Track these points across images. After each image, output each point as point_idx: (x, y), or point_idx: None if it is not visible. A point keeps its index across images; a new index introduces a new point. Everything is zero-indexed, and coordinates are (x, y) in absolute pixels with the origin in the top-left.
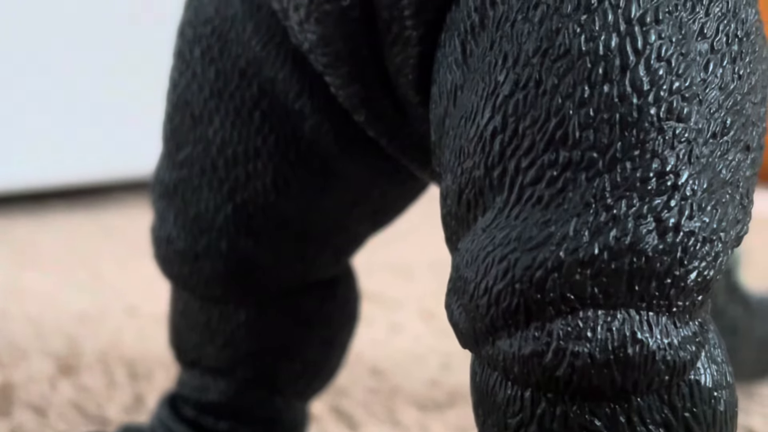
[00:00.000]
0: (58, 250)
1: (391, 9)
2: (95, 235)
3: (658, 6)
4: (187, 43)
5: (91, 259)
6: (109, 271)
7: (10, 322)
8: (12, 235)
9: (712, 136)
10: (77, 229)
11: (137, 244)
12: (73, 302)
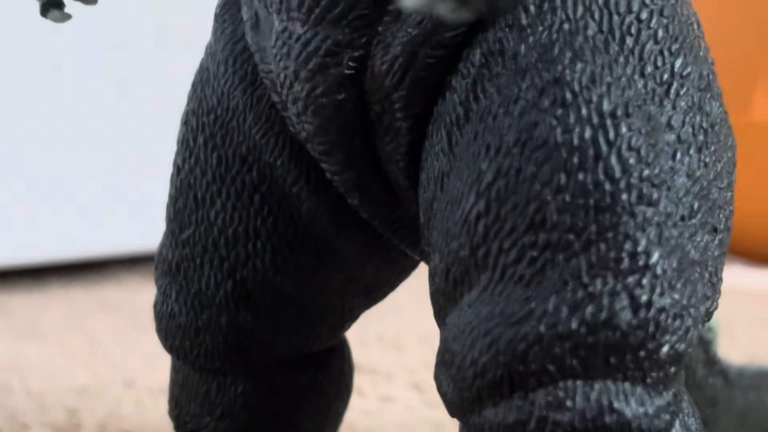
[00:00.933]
0: (58, 323)
1: (383, 102)
2: (94, 309)
3: (628, 101)
4: (191, 131)
5: (90, 333)
6: (107, 345)
7: (11, 396)
8: (11, 309)
9: (681, 219)
10: (76, 303)
11: (135, 318)
12: (73, 375)
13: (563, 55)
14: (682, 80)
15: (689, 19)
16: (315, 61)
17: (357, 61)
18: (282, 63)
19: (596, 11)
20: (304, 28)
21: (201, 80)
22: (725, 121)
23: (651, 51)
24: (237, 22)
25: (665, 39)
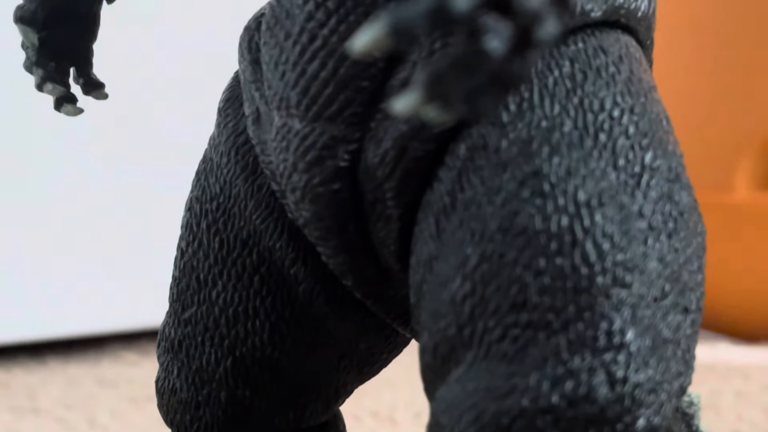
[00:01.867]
0: (56, 399)
1: (375, 192)
2: (92, 384)
3: (602, 192)
4: (194, 216)
5: (89, 408)
6: (106, 420)
7: None
8: (10, 385)
9: (653, 300)
10: (74, 379)
11: (133, 393)
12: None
13: (541, 150)
14: (652, 172)
15: (658, 116)
16: (312, 154)
17: (351, 154)
18: (282, 155)
19: (571, 110)
20: (303, 123)
21: (204, 169)
22: (694, 209)
23: (623, 146)
24: (239, 116)
25: (636, 135)
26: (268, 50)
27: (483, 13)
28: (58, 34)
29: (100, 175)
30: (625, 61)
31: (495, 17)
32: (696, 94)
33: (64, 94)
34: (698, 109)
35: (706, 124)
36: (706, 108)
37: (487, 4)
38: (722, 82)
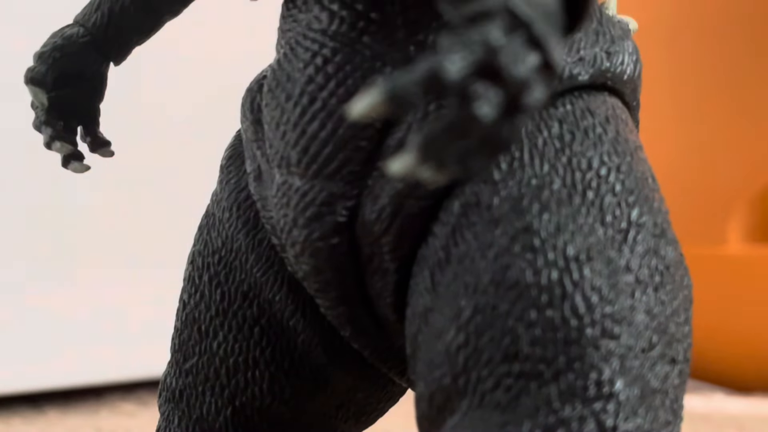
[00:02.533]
0: None
1: (372, 246)
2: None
3: (590, 247)
4: (197, 269)
5: None
6: None
7: None
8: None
9: (641, 351)
10: (73, 430)
11: None
12: None
13: (532, 207)
14: (639, 228)
15: (644, 174)
16: (312, 210)
17: (349, 210)
18: (282, 211)
19: (560, 168)
20: (303, 181)
21: (207, 224)
22: (680, 263)
23: (610, 203)
24: (241, 173)
25: (622, 192)
26: (270, 111)
27: (474, 80)
28: (66, 94)
29: (102, 226)
30: (612, 122)
31: (485, 84)
32: (687, 146)
33: (71, 152)
34: (690, 162)
35: (698, 176)
36: (697, 161)
37: (477, 73)
38: (713, 134)
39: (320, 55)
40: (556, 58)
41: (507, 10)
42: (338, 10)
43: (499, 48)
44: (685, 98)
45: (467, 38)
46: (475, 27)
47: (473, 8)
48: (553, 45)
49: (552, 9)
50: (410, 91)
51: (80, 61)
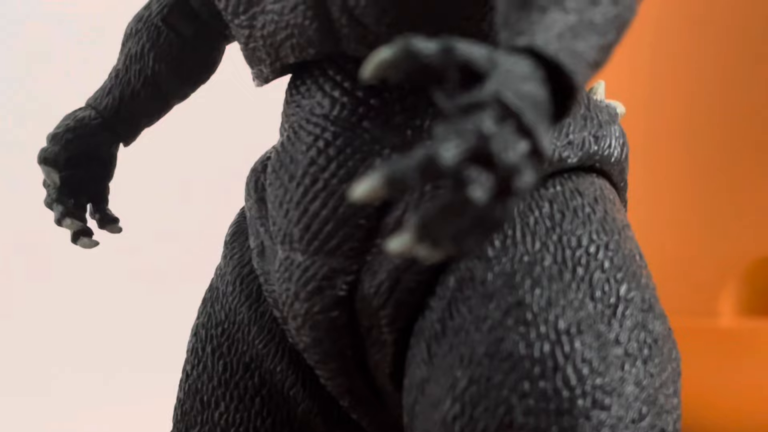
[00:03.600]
0: None
1: (371, 319)
2: None
3: (581, 320)
4: (200, 341)
5: None
6: None
7: None
8: None
9: (632, 421)
10: None
11: None
12: None
13: (524, 282)
14: (627, 303)
15: (632, 252)
16: (313, 285)
17: (349, 285)
18: (284, 285)
19: (551, 246)
20: (304, 256)
21: (211, 297)
22: (668, 337)
23: (599, 279)
24: (244, 249)
25: (611, 269)
26: (274, 190)
27: (467, 166)
28: (77, 173)
29: (108, 299)
30: (600, 203)
31: (478, 169)
32: (679, 219)
33: (81, 228)
34: (681, 235)
35: (689, 249)
36: (688, 234)
37: (470, 159)
38: (705, 207)
39: (322, 139)
40: (544, 145)
41: (498, 101)
42: (339, 97)
43: (491, 136)
44: (677, 170)
45: (461, 127)
46: (469, 116)
47: (466, 99)
48: (542, 133)
49: (540, 100)
50: (408, 176)
51: (92, 143)
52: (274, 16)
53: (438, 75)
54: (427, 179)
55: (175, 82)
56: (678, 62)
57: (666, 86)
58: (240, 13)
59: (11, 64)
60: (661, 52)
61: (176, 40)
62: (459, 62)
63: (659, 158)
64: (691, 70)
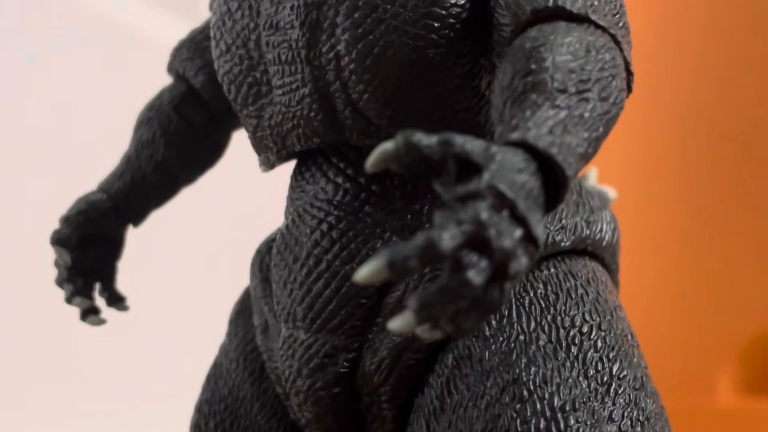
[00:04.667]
0: None
1: (371, 395)
2: None
3: (575, 398)
4: (203, 417)
5: None
6: None
7: None
8: None
9: None
10: None
11: None
12: None
13: (520, 360)
14: (620, 381)
15: (624, 331)
16: (315, 362)
17: (350, 362)
18: (287, 362)
19: (546, 326)
20: (307, 334)
21: (215, 374)
22: (660, 414)
23: (592, 357)
24: (248, 327)
25: (604, 348)
26: (278, 271)
27: (465, 251)
28: (88, 254)
29: (114, 376)
30: (592, 284)
31: (475, 255)
32: (676, 296)
33: (90, 306)
34: (679, 313)
35: (686, 328)
36: (686, 311)
37: (468, 245)
38: (702, 284)
39: (326, 222)
40: (537, 232)
41: (494, 191)
42: (342, 183)
43: (488, 224)
44: (675, 247)
45: (459, 215)
46: (466, 205)
47: (464, 189)
48: (535, 221)
49: (533, 190)
50: (409, 260)
51: (102, 225)
52: (281, 107)
53: (437, 166)
54: (428, 263)
55: (184, 168)
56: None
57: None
58: (249, 104)
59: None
60: (653, 123)
61: (186, 128)
62: (457, 155)
63: (657, 235)
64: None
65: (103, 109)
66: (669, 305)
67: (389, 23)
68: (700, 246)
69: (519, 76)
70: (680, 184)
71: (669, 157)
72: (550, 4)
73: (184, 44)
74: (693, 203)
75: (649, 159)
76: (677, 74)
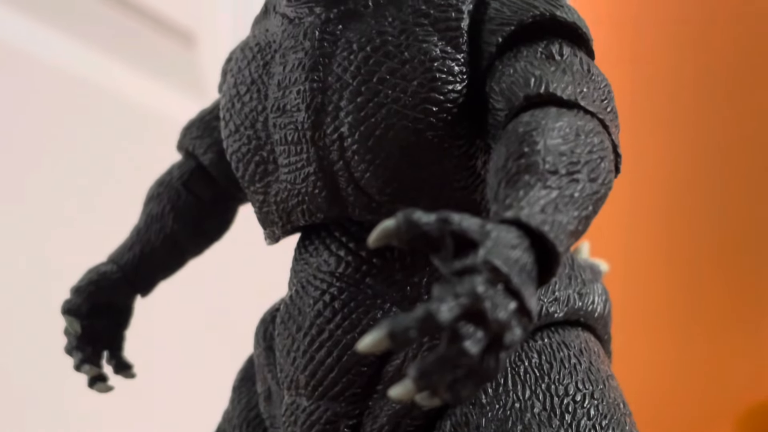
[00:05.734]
0: None
1: None
2: None
3: None
4: None
5: None
6: None
7: None
8: None
9: None
10: None
11: None
12: None
13: (516, 428)
14: None
15: (616, 400)
16: (317, 428)
17: (351, 429)
18: (290, 428)
19: (540, 394)
20: (309, 401)
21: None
22: None
23: (585, 425)
24: (252, 394)
25: (596, 416)
26: (282, 340)
27: (462, 323)
28: (97, 323)
29: None
30: (585, 354)
31: (472, 326)
32: (672, 365)
33: (97, 374)
34: (675, 381)
35: (680, 398)
36: (680, 382)
37: (465, 316)
38: (697, 353)
39: (328, 293)
40: (531, 305)
41: (489, 266)
42: (345, 256)
43: (483, 297)
44: (669, 317)
45: (457, 288)
46: (463, 279)
47: (461, 264)
48: (528, 294)
49: (526, 265)
50: (409, 330)
51: (112, 295)
52: (287, 185)
53: (436, 242)
54: (427, 333)
55: (192, 241)
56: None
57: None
58: (256, 182)
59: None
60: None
61: (195, 203)
62: (454, 232)
63: (649, 306)
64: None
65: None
66: (662, 375)
67: (390, 107)
68: (697, 313)
69: (512, 159)
70: (669, 257)
71: (657, 232)
72: (541, 91)
73: (194, 123)
74: (683, 276)
75: (638, 233)
76: (659, 155)
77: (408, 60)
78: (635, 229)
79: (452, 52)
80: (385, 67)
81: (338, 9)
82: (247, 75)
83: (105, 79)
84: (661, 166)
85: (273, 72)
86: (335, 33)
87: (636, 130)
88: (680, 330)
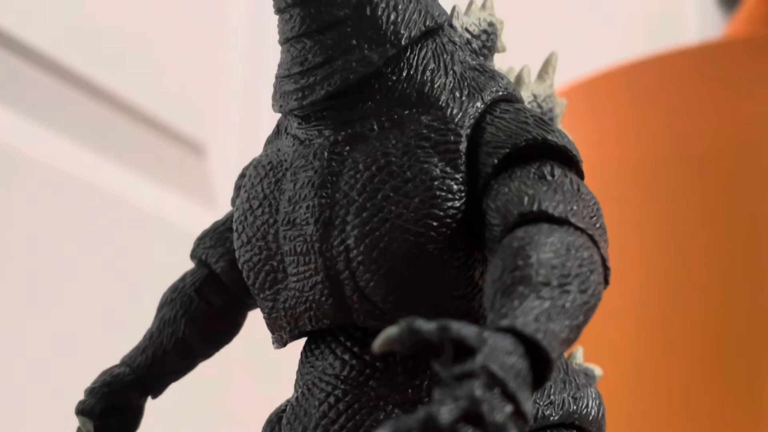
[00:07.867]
0: None
1: None
2: None
3: None
4: None
5: None
6: None
7: None
8: None
9: None
10: None
11: None
12: None
13: None
14: None
15: None
16: None
17: None
18: None
19: None
20: None
21: None
22: None
23: None
24: None
25: None
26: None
27: (461, 425)
28: (109, 423)
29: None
30: None
31: (470, 427)
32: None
33: None
34: None
35: None
36: None
37: (464, 419)
38: None
39: (333, 395)
40: (526, 408)
41: (486, 371)
42: (349, 360)
43: (481, 400)
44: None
45: (456, 392)
46: (462, 384)
47: (460, 369)
48: (524, 398)
49: (521, 370)
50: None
51: (124, 396)
52: (295, 292)
53: (436, 348)
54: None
55: (203, 344)
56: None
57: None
58: (266, 289)
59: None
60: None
61: (206, 309)
62: (453, 339)
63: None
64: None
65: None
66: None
67: (393, 222)
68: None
69: (507, 271)
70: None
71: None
72: (534, 209)
73: (207, 234)
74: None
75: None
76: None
77: (410, 179)
78: (628, 334)
79: (451, 172)
80: (389, 186)
81: (346, 132)
82: (260, 190)
83: (118, 187)
84: (643, 279)
85: (284, 188)
86: (343, 154)
87: (624, 238)
88: (685, 417)
